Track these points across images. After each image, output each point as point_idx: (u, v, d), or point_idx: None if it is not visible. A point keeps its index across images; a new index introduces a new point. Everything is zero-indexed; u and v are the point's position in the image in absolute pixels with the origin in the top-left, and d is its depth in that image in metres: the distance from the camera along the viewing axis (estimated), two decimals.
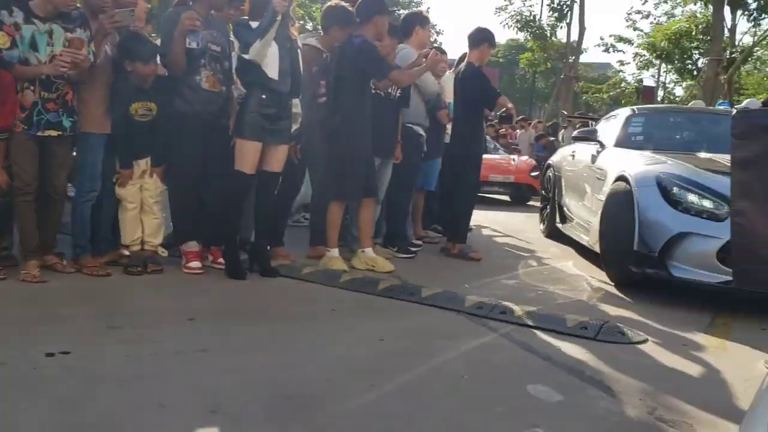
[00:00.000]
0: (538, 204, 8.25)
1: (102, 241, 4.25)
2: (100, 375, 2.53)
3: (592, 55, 63.70)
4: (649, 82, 31.25)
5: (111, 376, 2.53)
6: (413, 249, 5.49)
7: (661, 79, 32.57)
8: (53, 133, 3.78)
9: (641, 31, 26.69)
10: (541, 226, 7.47)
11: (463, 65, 5.75)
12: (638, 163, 4.82)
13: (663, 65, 28.22)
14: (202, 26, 4.06)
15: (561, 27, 24.80)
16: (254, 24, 4.10)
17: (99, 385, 2.43)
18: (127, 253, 4.26)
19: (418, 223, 6.20)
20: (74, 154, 4.14)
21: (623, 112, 6.57)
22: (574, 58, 23.55)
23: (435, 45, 6.26)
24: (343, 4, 4.73)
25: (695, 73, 24.02)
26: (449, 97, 5.85)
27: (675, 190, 4.26)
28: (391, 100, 5.07)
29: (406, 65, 4.96)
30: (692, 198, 4.20)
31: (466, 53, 5.86)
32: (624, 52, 39.03)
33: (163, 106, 4.17)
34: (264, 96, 4.17)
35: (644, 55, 26.36)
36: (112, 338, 2.96)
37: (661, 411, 2.54)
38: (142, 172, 4.22)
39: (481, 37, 5.64)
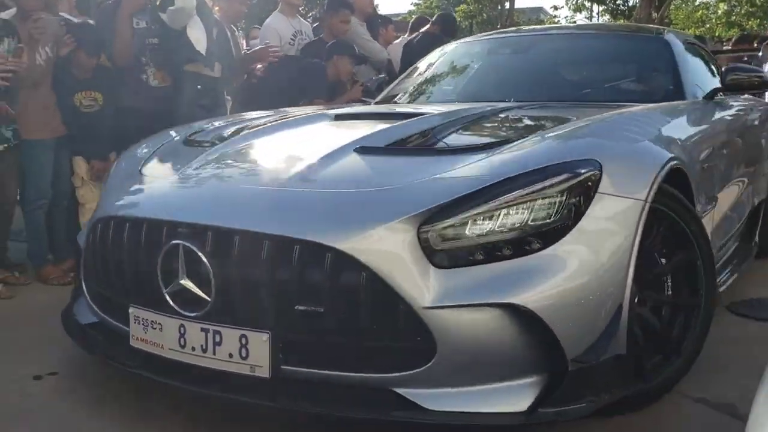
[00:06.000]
0: None
1: (60, 248, 4.01)
2: None
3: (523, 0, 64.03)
4: None
5: None
6: None
7: (594, 20, 32.91)
8: None
9: None
10: None
11: (418, 35, 5.72)
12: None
13: (595, 6, 28.48)
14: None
15: None
16: None
17: None
18: None
19: None
20: None
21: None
22: (509, 4, 23.60)
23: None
24: None
25: (627, 12, 24.33)
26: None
27: None
28: None
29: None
30: None
31: (422, 18, 5.84)
32: None
33: (111, 100, 3.99)
34: (199, 86, 4.02)
35: None
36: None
37: None
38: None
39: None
